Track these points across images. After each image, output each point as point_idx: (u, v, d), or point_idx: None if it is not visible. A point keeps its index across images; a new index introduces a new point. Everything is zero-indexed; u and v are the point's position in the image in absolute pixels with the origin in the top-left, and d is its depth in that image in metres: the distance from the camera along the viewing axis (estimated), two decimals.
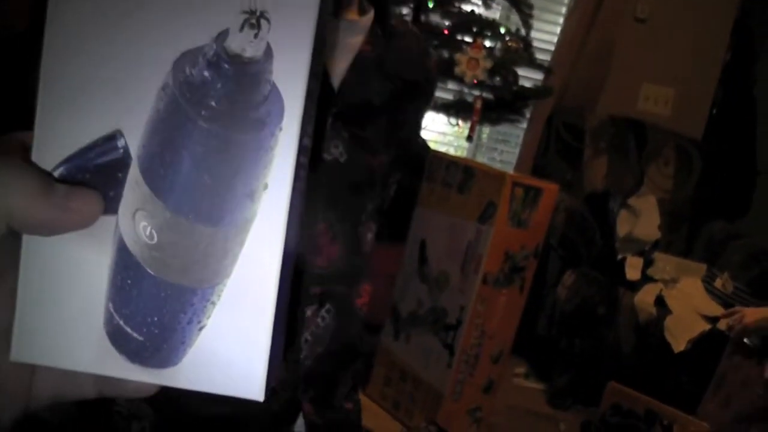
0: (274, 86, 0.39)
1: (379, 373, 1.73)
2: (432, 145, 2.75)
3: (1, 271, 0.40)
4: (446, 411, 1.58)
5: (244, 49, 0.38)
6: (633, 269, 2.21)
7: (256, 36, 0.38)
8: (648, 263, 2.24)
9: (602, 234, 2.29)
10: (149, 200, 0.40)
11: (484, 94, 2.43)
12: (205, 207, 0.40)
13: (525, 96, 2.54)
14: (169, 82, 0.39)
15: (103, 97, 0.39)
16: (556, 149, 2.54)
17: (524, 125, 2.82)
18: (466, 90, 2.45)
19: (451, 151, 2.94)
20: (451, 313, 1.58)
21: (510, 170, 2.90)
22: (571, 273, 2.19)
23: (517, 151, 2.95)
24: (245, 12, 0.38)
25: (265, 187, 0.40)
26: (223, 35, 0.39)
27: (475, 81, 2.35)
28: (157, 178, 0.39)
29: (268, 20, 0.39)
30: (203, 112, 0.38)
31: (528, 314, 1.71)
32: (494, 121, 2.66)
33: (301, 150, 0.40)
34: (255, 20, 0.38)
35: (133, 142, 0.39)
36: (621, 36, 2.67)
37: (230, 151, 0.39)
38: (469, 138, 2.58)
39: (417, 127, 1.44)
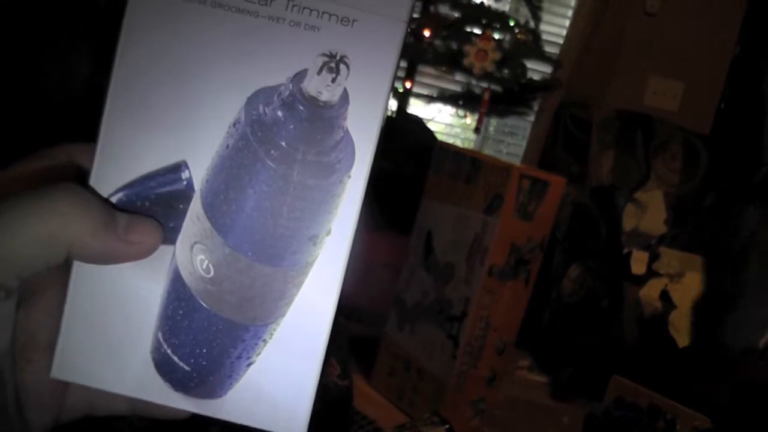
0: (347, 133, 0.39)
1: (384, 363, 1.73)
2: (439, 137, 2.75)
3: (45, 288, 0.40)
4: (449, 402, 1.59)
5: (320, 92, 0.38)
6: (638, 263, 2.21)
7: (333, 80, 0.39)
8: (653, 257, 2.23)
9: (608, 228, 2.29)
10: (209, 235, 0.40)
11: (492, 86, 2.43)
12: (266, 247, 0.40)
13: (533, 88, 2.54)
14: (241, 118, 0.39)
15: (170, 127, 0.39)
16: (562, 142, 2.53)
17: (532, 118, 2.82)
18: (473, 82, 2.45)
19: (458, 143, 2.94)
20: (456, 304, 1.58)
21: (517, 163, 2.90)
22: (576, 266, 2.19)
23: (524, 143, 2.95)
24: (325, 55, 0.39)
25: (329, 232, 0.40)
26: (300, 76, 0.39)
27: (483, 73, 2.35)
28: (219, 213, 0.39)
29: (347, 66, 0.39)
30: (273, 152, 0.38)
31: (533, 307, 1.71)
32: (502, 114, 2.66)
33: (364, 197, 0.40)
34: (334, 64, 0.38)
35: (198, 174, 0.40)
36: (630, 30, 2.66)
37: (296, 194, 0.39)
38: (477, 130, 2.58)
39: None
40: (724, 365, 1.89)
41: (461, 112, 2.64)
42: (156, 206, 0.40)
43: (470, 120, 2.63)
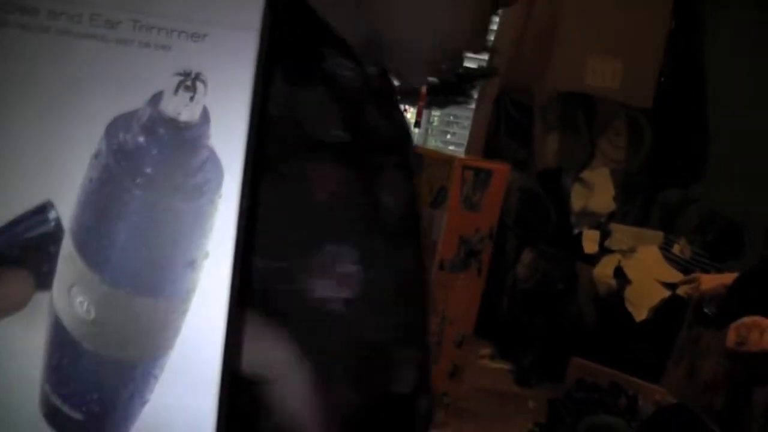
0: (212, 152, 0.38)
1: None
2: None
3: None
4: None
5: (179, 112, 0.37)
6: (590, 242, 2.22)
7: (191, 99, 0.37)
8: (605, 235, 2.25)
9: (557, 210, 2.30)
10: (85, 274, 0.38)
11: (430, 79, 2.42)
12: (144, 278, 0.38)
13: (471, 77, 2.54)
14: (102, 149, 0.37)
15: (29, 167, 0.37)
16: (505, 129, 2.54)
17: (473, 106, 2.82)
18: None
19: None
20: None
21: (462, 152, 2.90)
22: (528, 251, 2.19)
23: (467, 132, 2.95)
24: (180, 74, 0.37)
25: (206, 255, 0.38)
26: (157, 98, 0.37)
27: None
28: (92, 250, 0.37)
29: (204, 83, 0.37)
30: (138, 180, 0.37)
31: (489, 295, 1.71)
32: (442, 105, 2.65)
33: (241, 215, 0.38)
34: (190, 82, 0.37)
35: (65, 213, 0.37)
36: (563, 10, 2.67)
37: (168, 220, 0.37)
38: (417, 124, 2.58)
39: None
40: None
41: (402, 107, 2.62)
42: (27, 252, 0.37)
43: (411, 114, 2.63)
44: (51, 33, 0.36)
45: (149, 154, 0.37)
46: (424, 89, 2.38)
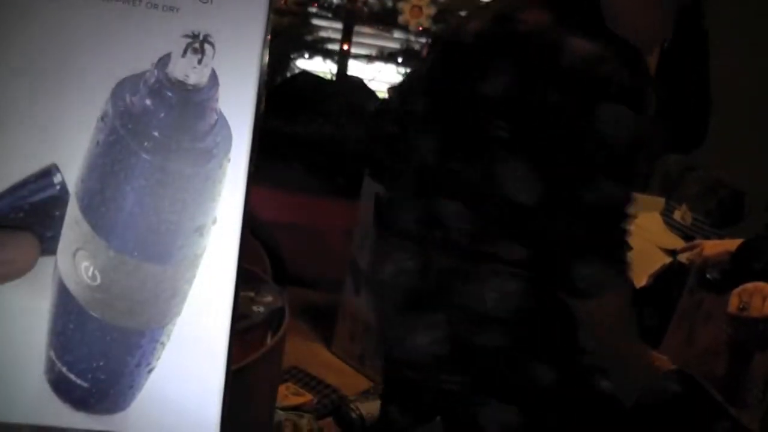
0: (220, 115, 0.37)
1: (343, 329, 1.72)
2: (382, 95, 2.72)
3: None
4: None
5: (187, 75, 0.36)
6: None
7: (200, 62, 0.36)
8: None
9: None
10: (90, 239, 0.37)
11: (431, 41, 2.41)
12: (151, 244, 0.37)
13: None
14: (109, 111, 0.36)
15: (34, 130, 0.36)
16: None
17: None
18: (412, 38, 2.43)
19: None
20: None
21: None
22: None
23: None
24: (188, 36, 0.36)
25: (215, 221, 0.38)
26: (164, 61, 0.36)
27: (420, 28, 2.33)
28: (98, 215, 0.37)
29: (212, 45, 0.36)
30: (146, 143, 0.36)
31: None
32: None
33: (249, 179, 0.38)
34: (198, 45, 0.36)
35: (71, 177, 0.37)
36: None
37: (176, 185, 0.37)
38: None
39: None
40: None
41: (402, 69, 2.62)
42: (31, 216, 0.37)
43: None
44: None
45: (157, 117, 0.36)
46: (425, 52, 2.37)
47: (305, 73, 2.35)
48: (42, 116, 0.36)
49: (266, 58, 0.38)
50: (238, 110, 0.37)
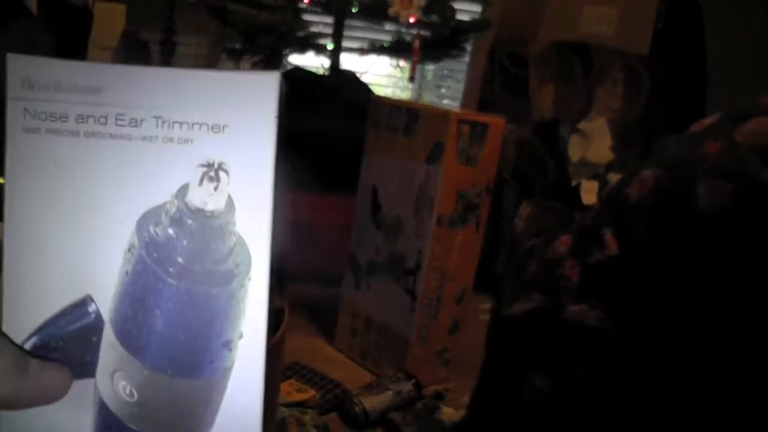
0: (239, 237, 0.39)
1: (344, 324, 1.73)
2: (376, 89, 2.72)
3: None
4: (414, 356, 1.59)
5: (205, 202, 0.39)
6: (589, 193, 2.21)
7: (216, 188, 0.39)
8: (603, 186, 2.24)
9: (555, 162, 2.28)
10: (126, 361, 0.40)
11: (422, 32, 2.41)
12: (183, 361, 0.40)
13: (464, 30, 2.52)
14: (135, 242, 0.39)
15: (69, 265, 0.39)
16: (501, 81, 2.52)
17: (467, 59, 2.81)
18: (403, 30, 2.43)
19: (397, 93, 2.92)
20: (409, 258, 1.57)
21: (457, 107, 2.88)
22: (526, 204, 2.18)
23: (462, 86, 2.94)
24: (203, 165, 0.38)
25: (241, 335, 0.40)
26: (183, 190, 0.39)
27: (412, 20, 2.32)
28: (132, 338, 0.39)
29: (226, 172, 0.39)
30: (171, 270, 0.39)
31: (489, 249, 1.70)
32: (436, 59, 2.64)
33: (271, 293, 0.40)
34: (213, 173, 0.38)
35: (105, 304, 0.39)
36: None
37: (202, 306, 0.39)
38: (411, 78, 2.56)
39: None
40: None
41: (395, 62, 2.62)
42: (70, 343, 0.39)
43: (405, 69, 2.62)
44: (80, 136, 0.38)
45: (180, 245, 0.39)
46: (417, 44, 2.36)
47: (298, 69, 2.34)
48: (74, 250, 0.39)
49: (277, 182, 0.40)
50: (254, 231, 0.39)
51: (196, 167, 0.39)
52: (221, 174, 0.39)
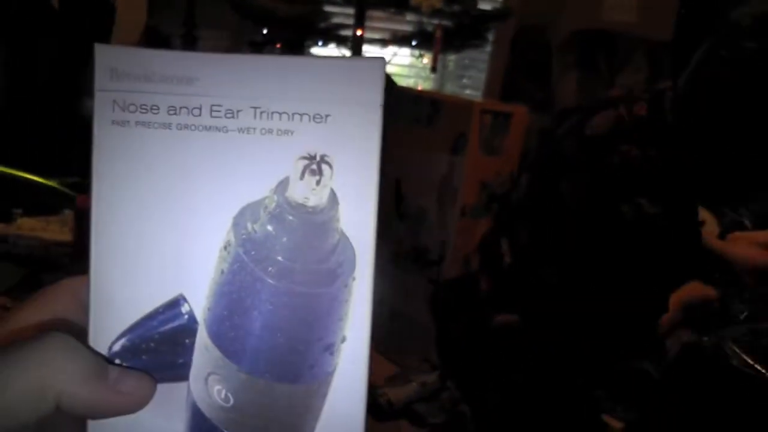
0: (342, 234, 0.37)
1: None
2: (398, 80, 2.71)
3: None
4: None
5: (306, 197, 0.36)
6: None
7: (318, 183, 0.37)
8: None
9: None
10: (221, 364, 0.38)
11: (444, 23, 2.40)
12: (282, 365, 0.38)
13: (485, 19, 2.51)
14: (231, 240, 0.37)
15: (161, 264, 0.37)
16: (523, 70, 2.51)
17: (489, 49, 2.79)
18: (425, 20, 2.41)
19: (419, 83, 2.91)
20: (432, 249, 1.56)
21: (479, 96, 2.87)
22: None
23: (484, 76, 2.92)
24: (305, 158, 0.37)
25: (344, 339, 0.38)
26: (283, 185, 0.37)
27: (432, 10, 2.31)
28: (227, 340, 0.38)
29: (329, 165, 0.37)
30: (270, 269, 0.37)
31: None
32: (458, 49, 2.63)
33: (375, 295, 0.39)
34: (316, 166, 0.37)
35: (198, 305, 0.38)
36: None
37: (303, 307, 0.37)
38: (433, 69, 2.55)
39: None
40: None
41: (417, 53, 2.61)
42: (161, 345, 0.38)
43: (427, 59, 2.61)
44: (172, 128, 0.36)
45: (279, 242, 0.37)
46: (438, 33, 2.35)
47: None
48: (166, 249, 0.37)
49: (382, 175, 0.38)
50: (358, 228, 0.38)
51: (297, 160, 0.37)
52: (324, 167, 0.37)
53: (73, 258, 1.45)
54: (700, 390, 1.12)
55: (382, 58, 0.37)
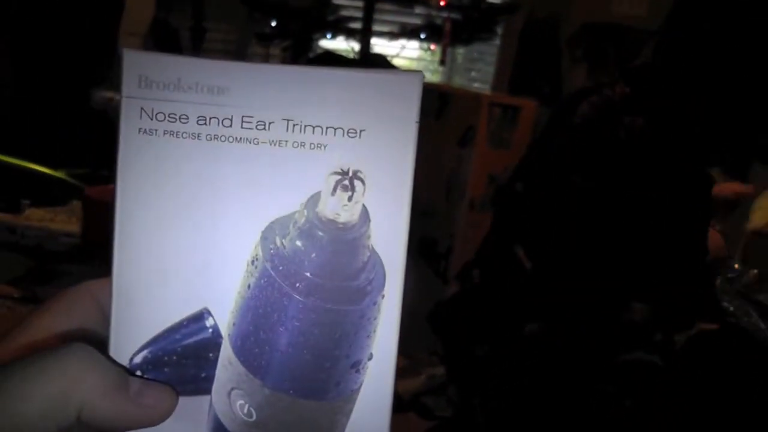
0: (373, 251, 0.37)
1: None
2: None
3: None
4: None
5: (338, 213, 0.36)
6: None
7: (350, 199, 0.36)
8: None
9: None
10: (245, 379, 0.37)
11: (452, 16, 2.39)
12: (308, 382, 0.37)
13: (494, 12, 2.50)
14: (259, 254, 0.36)
15: (186, 277, 0.37)
16: (532, 64, 2.50)
17: (498, 42, 2.79)
18: (434, 13, 2.41)
19: (428, 76, 2.90)
20: (440, 241, 1.56)
21: (488, 89, 2.86)
22: None
23: (493, 69, 2.92)
24: (337, 173, 0.36)
25: (370, 357, 0.38)
26: (314, 200, 0.36)
27: (442, 3, 2.31)
28: (252, 356, 0.37)
29: (362, 181, 0.36)
30: (298, 285, 0.36)
31: None
32: (466, 42, 2.62)
33: (404, 313, 0.38)
34: (348, 182, 0.36)
35: (222, 319, 0.37)
36: None
37: (330, 325, 0.36)
38: (442, 62, 2.55)
39: None
40: None
41: (425, 45, 2.61)
42: (184, 358, 0.37)
43: (436, 52, 2.60)
44: (202, 139, 0.36)
45: (308, 258, 0.36)
46: (447, 26, 2.35)
47: (328, 53, 2.34)
48: (192, 261, 0.36)
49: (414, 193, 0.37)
50: (389, 245, 0.37)
51: (329, 175, 0.35)
52: (356, 183, 0.35)
53: (80, 248, 1.45)
54: (706, 379, 1.13)
55: (420, 73, 0.36)
